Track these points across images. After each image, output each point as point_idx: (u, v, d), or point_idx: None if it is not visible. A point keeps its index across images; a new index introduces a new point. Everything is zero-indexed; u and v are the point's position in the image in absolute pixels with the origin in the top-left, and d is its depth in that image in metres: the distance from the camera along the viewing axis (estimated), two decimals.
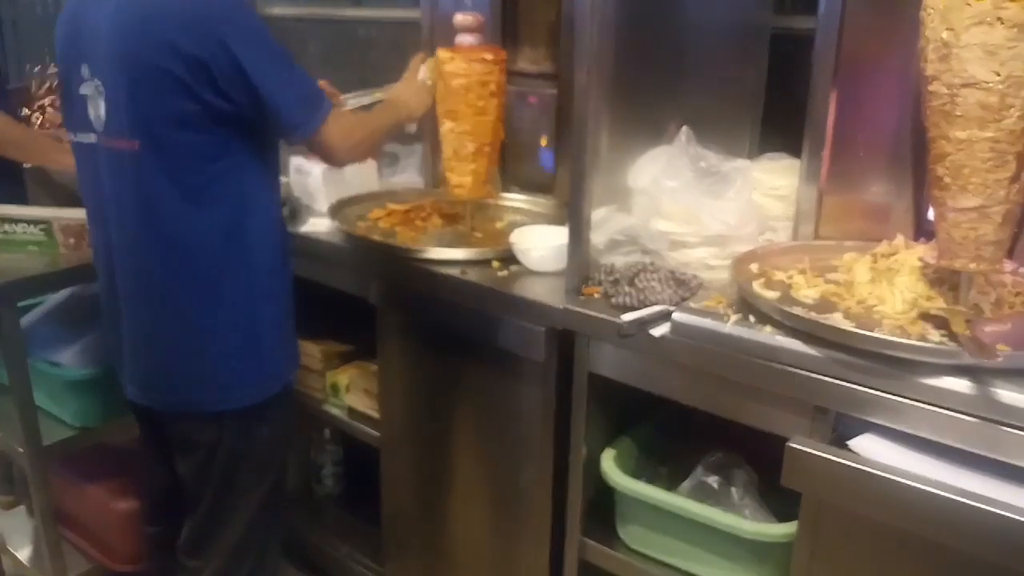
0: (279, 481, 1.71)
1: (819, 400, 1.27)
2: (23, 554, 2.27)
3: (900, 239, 1.48)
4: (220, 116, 1.40)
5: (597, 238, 1.60)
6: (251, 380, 1.57)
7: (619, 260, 1.62)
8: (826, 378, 1.25)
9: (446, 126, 1.88)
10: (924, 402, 1.17)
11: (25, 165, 2.20)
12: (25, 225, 1.97)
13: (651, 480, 1.59)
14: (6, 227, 1.97)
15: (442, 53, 1.84)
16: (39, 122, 2.46)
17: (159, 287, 1.50)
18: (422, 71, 1.84)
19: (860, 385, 1.22)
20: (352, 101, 1.98)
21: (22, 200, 2.04)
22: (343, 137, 1.54)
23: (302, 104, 1.47)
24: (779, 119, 1.83)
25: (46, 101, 2.49)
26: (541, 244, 1.74)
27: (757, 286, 1.41)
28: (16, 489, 2.56)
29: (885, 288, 1.37)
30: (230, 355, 1.54)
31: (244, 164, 1.46)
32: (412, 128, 1.82)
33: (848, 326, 1.25)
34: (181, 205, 1.44)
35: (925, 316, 1.27)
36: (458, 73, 1.82)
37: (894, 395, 1.19)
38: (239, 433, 1.58)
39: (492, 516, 1.84)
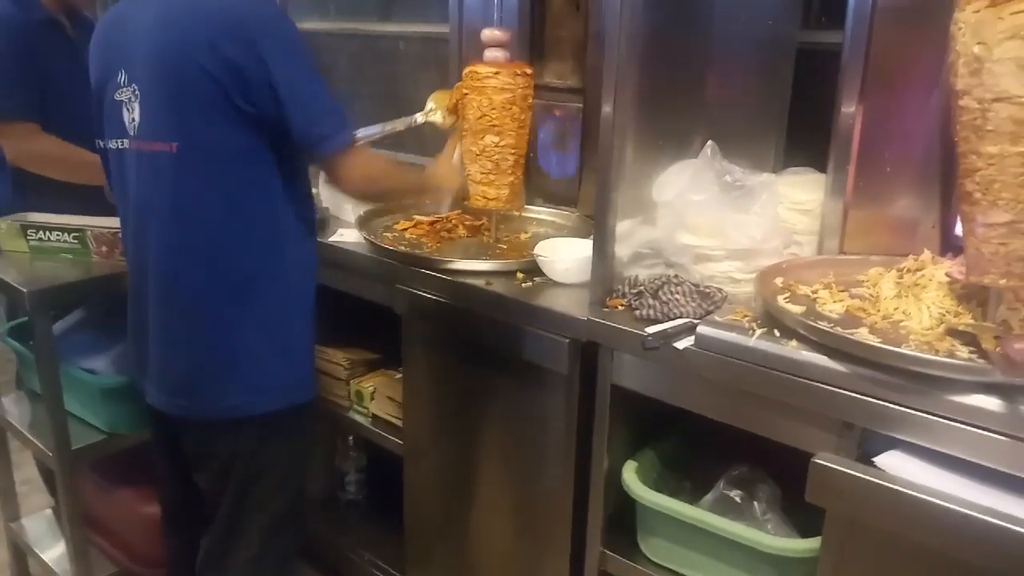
0: (298, 498, 1.70)
1: (845, 416, 1.26)
2: (50, 556, 2.30)
3: (927, 254, 1.47)
4: (254, 122, 1.42)
5: (621, 251, 1.60)
6: (278, 384, 1.57)
7: (643, 273, 1.62)
8: (852, 393, 1.24)
9: (488, 140, 1.90)
10: (952, 419, 1.16)
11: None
12: (59, 233, 2.01)
13: (673, 493, 1.58)
14: (40, 235, 2.01)
15: (483, 68, 1.87)
16: None
17: (192, 289, 1.50)
18: (457, 152, 1.89)
19: (887, 401, 1.21)
20: (361, 133, 2.01)
21: (55, 208, 2.08)
22: (363, 165, 1.54)
23: (327, 119, 1.46)
24: (804, 133, 1.83)
25: None
26: (566, 256, 1.75)
27: (782, 300, 1.40)
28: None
29: (912, 303, 1.36)
30: (259, 358, 1.54)
31: (278, 171, 1.47)
32: (444, 207, 1.85)
33: (874, 341, 1.24)
34: (218, 208, 1.46)
35: (953, 332, 1.26)
36: (504, 88, 1.85)
37: (922, 412, 1.18)
38: (258, 444, 1.59)
39: (513, 526, 1.84)
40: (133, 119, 1.47)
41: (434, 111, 1.98)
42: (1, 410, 2.23)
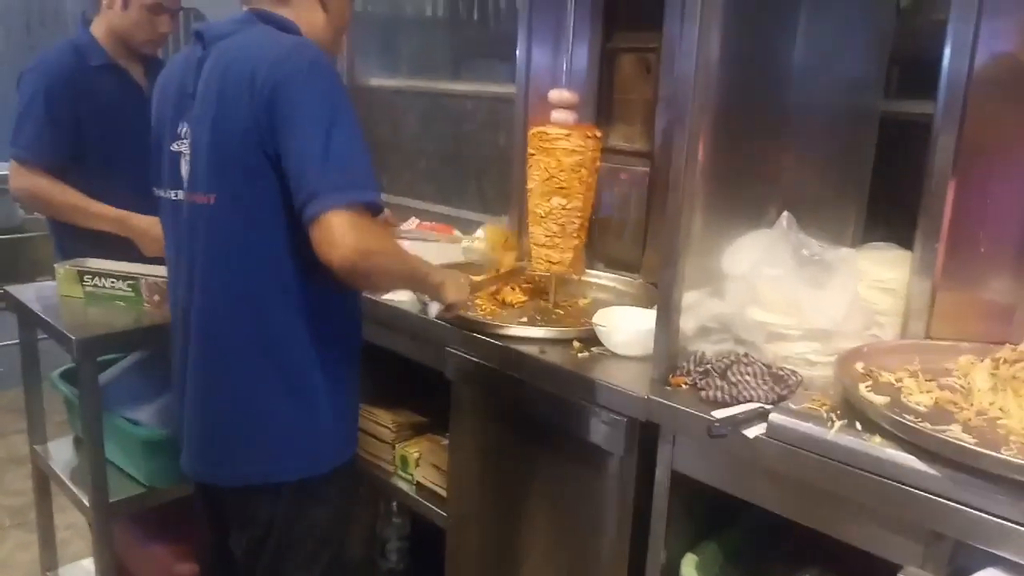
0: (333, 567, 1.62)
1: (935, 525, 1.13)
2: None
3: None
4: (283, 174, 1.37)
5: (687, 324, 1.51)
6: (304, 449, 1.50)
7: (710, 349, 1.52)
8: (944, 500, 1.11)
9: (555, 202, 1.86)
10: None
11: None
12: (114, 280, 2.00)
13: None
14: (96, 281, 2.02)
15: (553, 129, 1.83)
16: None
17: (221, 347, 1.47)
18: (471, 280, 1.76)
19: (983, 511, 1.08)
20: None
21: (106, 255, 2.09)
22: (359, 236, 1.29)
23: (329, 174, 1.31)
24: (885, 206, 1.73)
25: None
26: (626, 327, 1.66)
27: (864, 388, 1.28)
28: None
29: (1010, 399, 1.23)
30: (283, 421, 1.48)
31: None
32: (435, 308, 1.72)
33: (970, 442, 1.11)
34: (246, 262, 1.42)
35: None
36: (575, 150, 1.82)
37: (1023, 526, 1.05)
38: (293, 511, 1.52)
39: None
40: (188, 170, 1.46)
41: (482, 240, 1.93)
42: (46, 456, 2.21)
